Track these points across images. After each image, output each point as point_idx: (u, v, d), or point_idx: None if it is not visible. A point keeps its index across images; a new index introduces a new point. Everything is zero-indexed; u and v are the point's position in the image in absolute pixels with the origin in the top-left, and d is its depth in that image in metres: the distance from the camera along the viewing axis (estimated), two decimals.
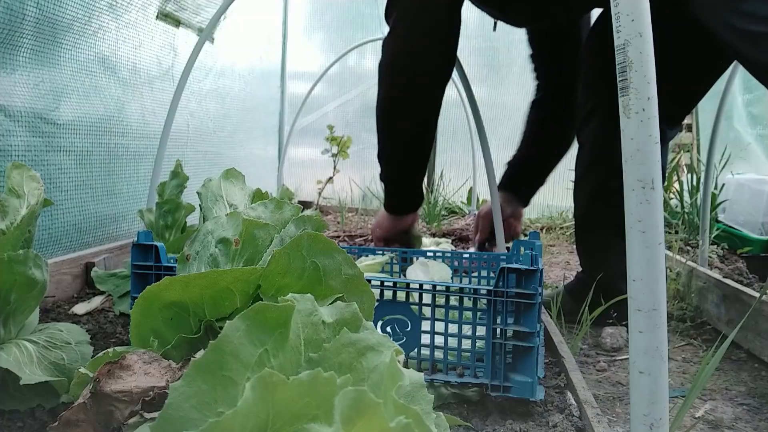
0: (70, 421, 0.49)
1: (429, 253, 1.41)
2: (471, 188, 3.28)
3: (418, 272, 1.23)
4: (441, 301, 0.89)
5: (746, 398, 1.06)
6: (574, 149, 1.53)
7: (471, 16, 1.99)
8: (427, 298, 0.90)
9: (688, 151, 3.16)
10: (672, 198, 2.56)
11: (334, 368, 0.42)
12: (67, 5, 1.49)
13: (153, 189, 1.55)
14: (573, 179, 1.47)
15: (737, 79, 1.80)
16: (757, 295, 1.24)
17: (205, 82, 2.44)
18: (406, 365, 0.86)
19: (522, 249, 1.23)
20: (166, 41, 2.05)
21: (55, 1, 1.44)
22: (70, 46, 1.55)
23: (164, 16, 2.00)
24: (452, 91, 3.53)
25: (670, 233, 2.17)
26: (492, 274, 1.35)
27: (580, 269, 1.52)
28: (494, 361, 0.87)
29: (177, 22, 2.10)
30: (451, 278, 1.29)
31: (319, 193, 3.20)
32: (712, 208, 2.22)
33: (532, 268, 0.85)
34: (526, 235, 2.60)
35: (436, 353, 0.90)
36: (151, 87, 1.97)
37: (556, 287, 1.61)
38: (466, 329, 0.89)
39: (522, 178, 1.77)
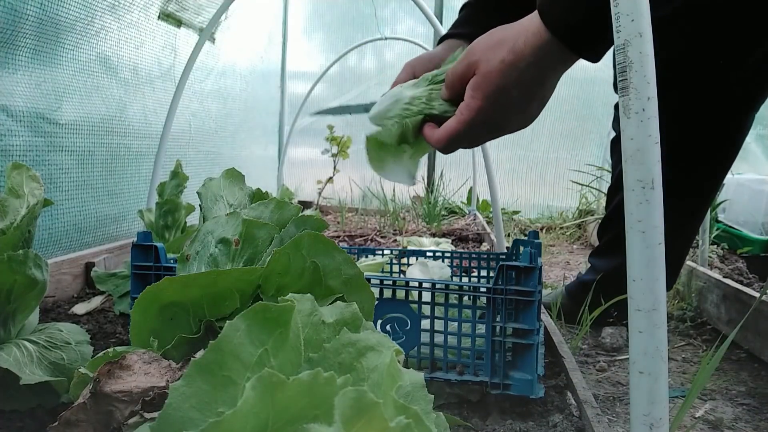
0: (70, 421, 0.49)
1: (429, 253, 1.41)
2: (471, 188, 3.28)
3: (417, 272, 1.23)
4: (440, 299, 0.89)
5: (746, 398, 1.06)
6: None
7: None
8: (426, 297, 0.90)
9: None
10: None
11: (334, 368, 0.42)
12: (70, 6, 1.49)
13: (153, 189, 1.56)
14: (572, 179, 1.47)
15: None
16: (757, 295, 1.24)
17: (207, 83, 2.45)
18: (406, 364, 0.86)
19: (521, 248, 1.23)
20: (167, 41, 2.06)
21: (58, 1, 1.44)
22: (72, 47, 1.55)
23: (166, 16, 2.01)
24: None
25: None
26: (491, 274, 1.36)
27: (586, 268, 1.52)
28: (494, 359, 0.87)
29: (178, 23, 2.10)
30: (451, 278, 1.29)
31: (319, 193, 3.20)
32: (712, 208, 2.22)
33: (531, 265, 0.85)
34: (525, 235, 2.60)
35: (435, 351, 0.90)
36: (152, 87, 1.98)
37: (556, 287, 1.61)
38: (466, 327, 0.89)
39: None
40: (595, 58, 0.70)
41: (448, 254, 1.40)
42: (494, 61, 0.70)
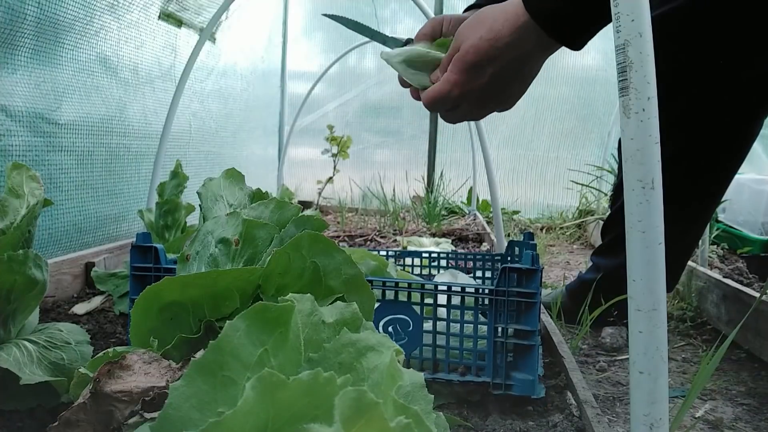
0: (70, 421, 0.49)
1: (425, 254, 1.41)
2: (471, 188, 3.28)
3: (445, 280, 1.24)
4: (443, 300, 0.89)
5: (746, 398, 1.06)
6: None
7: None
8: (429, 299, 0.91)
9: None
10: None
11: (334, 368, 0.42)
12: (69, 5, 1.49)
13: (153, 189, 1.56)
14: (573, 179, 1.47)
15: None
16: (757, 295, 1.24)
17: (207, 83, 2.45)
18: (408, 365, 0.87)
19: (516, 249, 1.24)
20: (167, 41, 2.06)
21: (57, 1, 1.44)
22: (71, 46, 1.55)
23: (166, 16, 2.01)
24: None
25: None
26: (488, 274, 1.37)
27: (587, 267, 1.51)
28: (496, 360, 0.87)
29: (179, 23, 2.10)
30: None
31: (319, 193, 3.20)
32: None
33: (533, 267, 0.85)
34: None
35: (438, 353, 0.90)
36: (152, 87, 1.98)
37: (556, 287, 1.61)
38: (468, 329, 0.90)
39: None
40: (574, 46, 0.71)
41: (444, 255, 1.41)
42: (473, 38, 0.72)
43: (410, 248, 2.08)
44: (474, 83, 0.74)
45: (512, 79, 0.75)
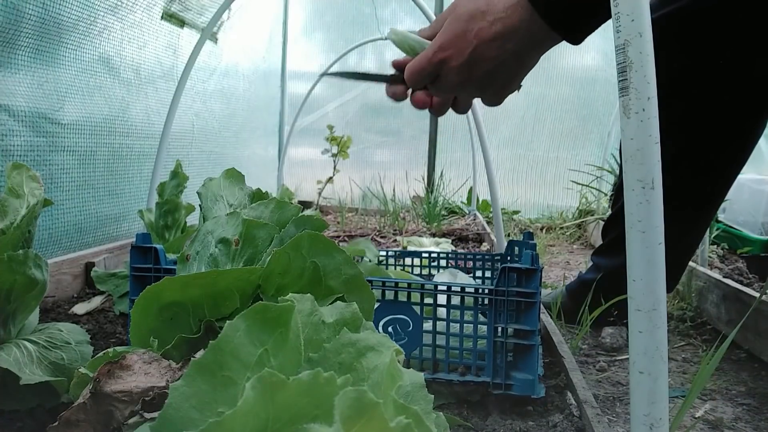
0: (70, 421, 0.49)
1: (425, 254, 1.41)
2: (471, 188, 3.28)
3: (445, 280, 1.24)
4: (442, 300, 0.89)
5: (746, 398, 1.06)
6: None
7: None
8: (428, 298, 0.91)
9: None
10: None
11: (334, 368, 0.42)
12: (72, 5, 1.49)
13: (153, 189, 1.56)
14: (573, 180, 1.47)
15: None
16: (757, 295, 1.24)
17: (210, 83, 2.45)
18: (408, 365, 0.87)
19: (516, 248, 1.24)
20: (170, 42, 2.06)
21: (60, 1, 1.44)
22: (74, 47, 1.55)
23: (169, 16, 2.01)
24: None
25: None
26: (487, 274, 1.37)
27: (587, 267, 1.51)
28: (496, 360, 0.87)
29: (181, 23, 2.10)
30: None
31: (319, 193, 3.20)
32: None
33: (533, 267, 0.85)
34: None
35: (438, 353, 0.90)
36: (155, 87, 1.98)
37: (556, 287, 1.61)
38: (468, 329, 0.90)
39: None
40: (565, 33, 0.70)
41: (444, 255, 1.40)
42: (469, 6, 0.72)
43: (410, 248, 2.08)
44: (463, 41, 0.72)
45: (498, 58, 0.72)
